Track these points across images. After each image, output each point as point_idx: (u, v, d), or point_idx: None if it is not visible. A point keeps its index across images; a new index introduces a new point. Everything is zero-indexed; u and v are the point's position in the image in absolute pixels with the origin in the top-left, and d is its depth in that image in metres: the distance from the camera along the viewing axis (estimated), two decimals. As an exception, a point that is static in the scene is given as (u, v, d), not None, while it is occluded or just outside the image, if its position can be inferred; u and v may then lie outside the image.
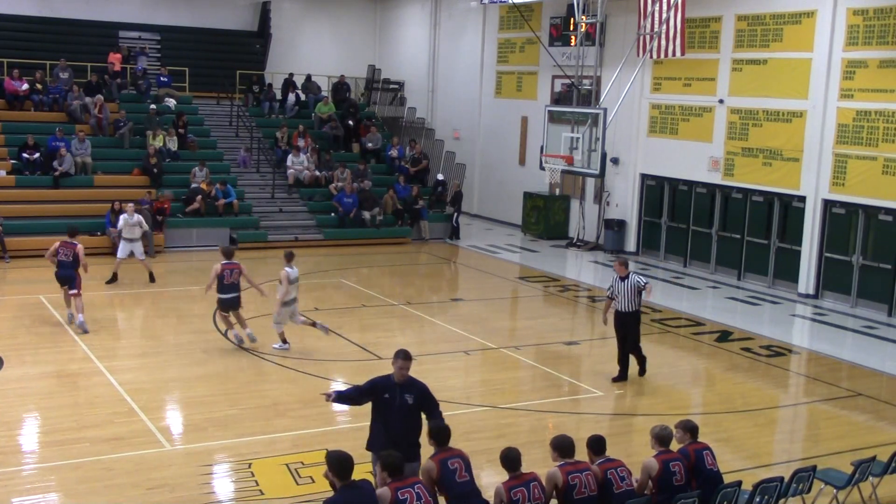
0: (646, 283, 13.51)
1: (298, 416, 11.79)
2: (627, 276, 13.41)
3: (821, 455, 10.91)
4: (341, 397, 8.96)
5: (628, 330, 13.59)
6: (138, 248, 19.09)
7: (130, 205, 19.54)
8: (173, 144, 25.04)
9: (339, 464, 6.87)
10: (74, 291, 15.29)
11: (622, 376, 13.74)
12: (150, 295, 18.61)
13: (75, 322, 15.24)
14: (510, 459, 7.58)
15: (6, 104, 25.22)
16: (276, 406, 12.14)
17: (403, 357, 8.40)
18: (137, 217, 19.18)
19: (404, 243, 25.04)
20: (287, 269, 14.26)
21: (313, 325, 14.64)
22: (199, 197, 23.16)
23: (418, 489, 7.09)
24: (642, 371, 13.95)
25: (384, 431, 8.36)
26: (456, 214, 26.00)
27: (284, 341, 14.57)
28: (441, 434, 7.84)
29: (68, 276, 15.33)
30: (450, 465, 7.61)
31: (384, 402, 8.38)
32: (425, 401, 8.42)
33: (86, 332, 14.99)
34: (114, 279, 18.75)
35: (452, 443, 11.00)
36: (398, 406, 8.30)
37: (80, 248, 15.53)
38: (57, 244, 15.56)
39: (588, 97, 23.73)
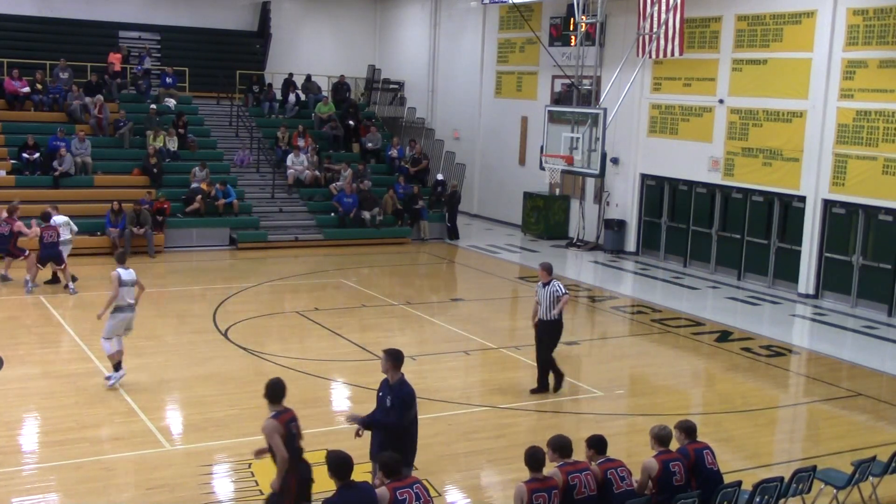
0: (564, 294, 12.76)
1: (298, 417, 11.76)
2: (549, 283, 12.75)
3: (821, 455, 10.91)
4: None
5: (543, 338, 12.92)
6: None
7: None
8: (173, 144, 25.04)
9: (337, 464, 6.88)
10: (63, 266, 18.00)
11: (540, 388, 13.00)
12: (151, 295, 18.58)
13: (69, 290, 17.80)
14: (536, 460, 7.53)
15: (6, 104, 25.21)
16: (276, 406, 12.10)
17: (383, 353, 8.48)
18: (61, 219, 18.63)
19: (404, 243, 25.04)
20: (119, 269, 12.49)
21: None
22: (199, 197, 23.16)
23: (417, 489, 7.09)
24: (557, 385, 13.06)
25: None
26: (447, 215, 25.97)
27: (118, 367, 12.45)
28: (272, 389, 8.04)
29: (55, 254, 17.98)
30: (292, 428, 7.94)
31: (377, 399, 8.52)
32: (396, 402, 8.24)
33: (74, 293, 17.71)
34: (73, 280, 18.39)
35: (452, 444, 11.06)
36: (381, 406, 8.40)
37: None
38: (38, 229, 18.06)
39: (588, 97, 23.73)
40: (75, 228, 19.17)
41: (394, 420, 8.24)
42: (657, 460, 8.13)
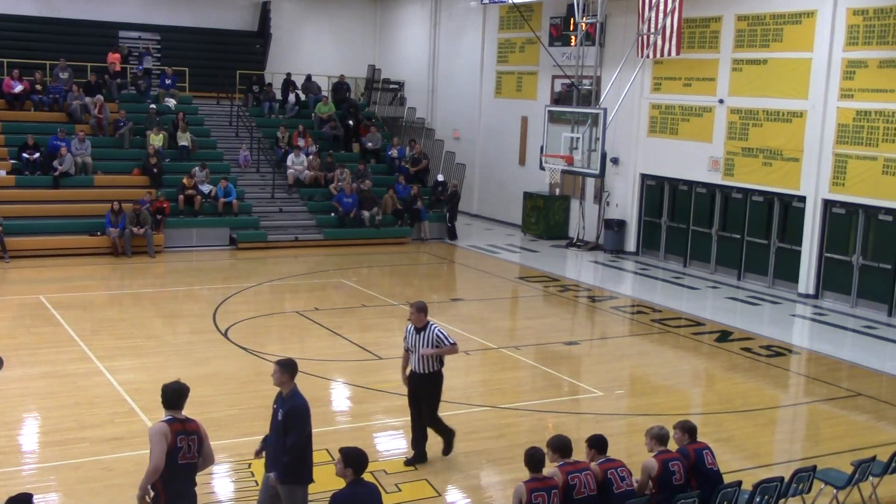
0: (451, 343, 10.27)
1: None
2: (426, 327, 10.20)
3: (821, 455, 10.91)
4: None
5: (421, 396, 10.39)
6: None
7: None
8: (186, 141, 25.12)
9: (356, 459, 6.96)
10: None
11: (417, 457, 10.41)
12: (150, 295, 18.63)
13: None
14: (535, 460, 7.53)
15: (6, 104, 25.21)
16: (276, 406, 12.11)
17: (275, 364, 8.01)
18: None
19: (404, 243, 25.04)
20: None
21: None
22: (188, 190, 23.14)
23: None
24: (447, 449, 10.57)
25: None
26: (448, 215, 25.97)
27: None
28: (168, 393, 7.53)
29: None
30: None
31: (272, 412, 8.09)
32: (288, 420, 7.78)
33: None
34: None
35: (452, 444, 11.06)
36: (274, 418, 8.00)
37: None
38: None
39: (588, 97, 23.71)
40: None
41: (293, 439, 7.78)
42: (657, 460, 8.14)
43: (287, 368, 7.96)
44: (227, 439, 10.94)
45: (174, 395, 7.52)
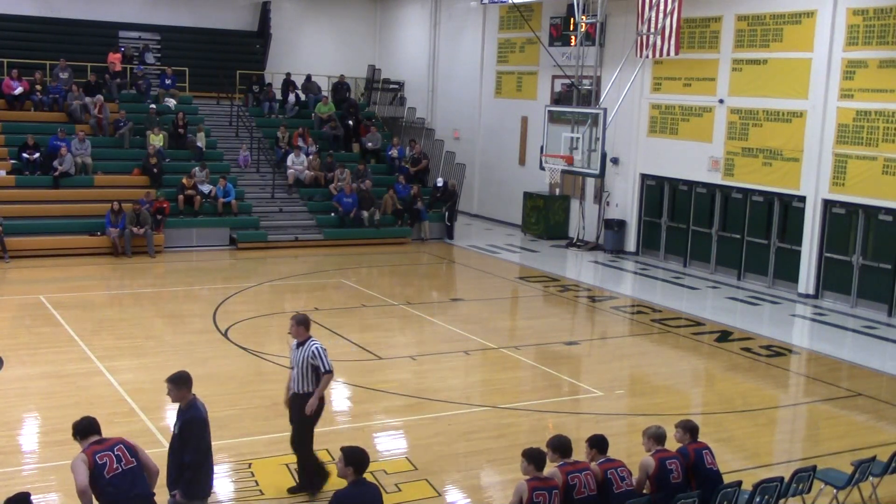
0: (326, 370, 9.09)
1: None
2: (305, 342, 9.25)
3: (821, 455, 10.91)
4: None
5: (294, 418, 9.48)
6: None
7: None
8: (201, 141, 25.18)
9: (357, 458, 6.96)
10: None
11: (310, 484, 9.41)
12: (150, 295, 18.63)
13: None
14: (539, 459, 7.51)
15: (6, 104, 25.21)
16: (276, 406, 12.06)
17: (167, 382, 7.74)
18: None
19: (404, 243, 25.04)
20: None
21: None
22: (188, 190, 23.13)
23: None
24: (318, 483, 9.41)
25: None
26: (447, 214, 25.96)
27: None
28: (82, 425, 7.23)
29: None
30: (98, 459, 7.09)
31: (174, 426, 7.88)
32: (184, 432, 7.57)
33: None
34: None
35: (452, 444, 11.06)
36: (174, 431, 7.83)
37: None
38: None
39: (588, 97, 23.73)
40: None
41: (191, 456, 7.54)
42: (654, 458, 8.15)
43: (181, 383, 7.74)
44: (228, 439, 10.94)
45: (86, 427, 7.25)
